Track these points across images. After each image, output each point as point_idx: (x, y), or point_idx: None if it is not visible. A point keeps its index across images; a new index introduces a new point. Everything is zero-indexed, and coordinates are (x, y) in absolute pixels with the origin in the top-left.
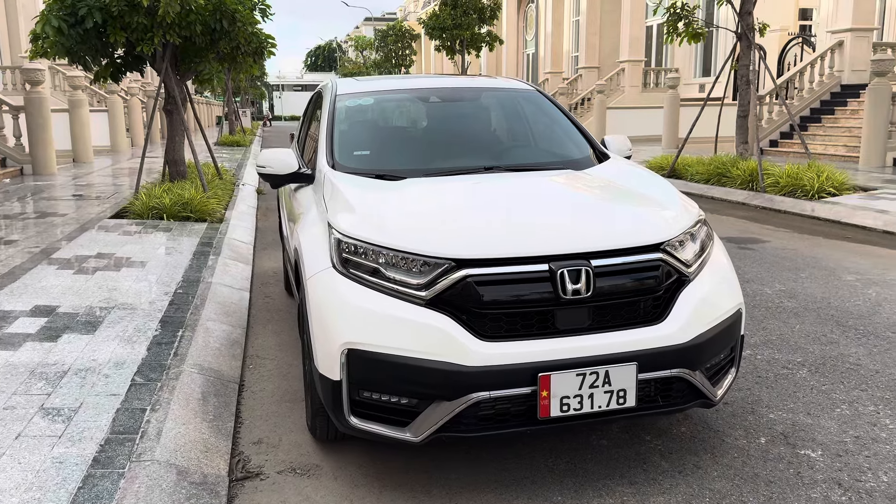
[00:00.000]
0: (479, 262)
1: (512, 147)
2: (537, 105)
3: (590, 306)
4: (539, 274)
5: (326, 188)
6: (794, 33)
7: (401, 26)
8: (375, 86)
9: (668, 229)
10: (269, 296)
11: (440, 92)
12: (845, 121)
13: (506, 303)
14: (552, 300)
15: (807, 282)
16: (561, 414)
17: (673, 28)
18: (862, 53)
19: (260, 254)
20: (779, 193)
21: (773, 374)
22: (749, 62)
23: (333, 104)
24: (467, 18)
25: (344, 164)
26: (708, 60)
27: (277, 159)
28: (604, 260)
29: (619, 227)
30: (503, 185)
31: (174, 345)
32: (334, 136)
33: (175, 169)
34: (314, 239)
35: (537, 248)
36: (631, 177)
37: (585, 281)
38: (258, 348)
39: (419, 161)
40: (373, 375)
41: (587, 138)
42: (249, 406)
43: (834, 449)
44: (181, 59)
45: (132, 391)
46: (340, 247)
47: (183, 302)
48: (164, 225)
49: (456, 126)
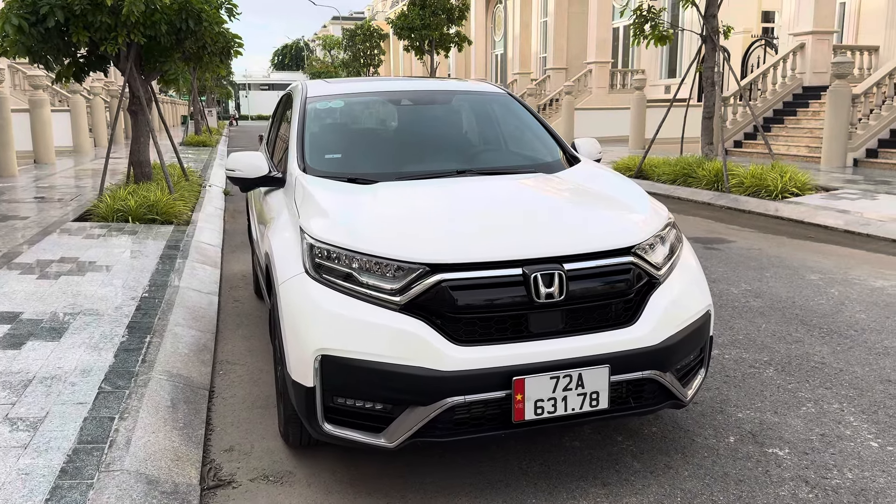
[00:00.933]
0: (454, 266)
1: (484, 150)
2: (508, 108)
3: (563, 310)
4: (513, 278)
5: (298, 192)
6: (757, 35)
7: (369, 26)
8: (346, 88)
9: (639, 233)
10: (239, 300)
11: (412, 94)
12: (807, 122)
13: (480, 307)
14: (526, 304)
15: (772, 281)
16: (535, 417)
17: (639, 30)
18: (822, 56)
19: (228, 257)
20: (743, 194)
21: (740, 373)
22: (714, 64)
23: (304, 106)
24: (436, 19)
25: (315, 167)
26: (673, 62)
27: (247, 163)
28: (576, 264)
29: (591, 231)
30: (476, 188)
31: (142, 351)
32: (305, 139)
33: (140, 170)
34: (286, 244)
35: (511, 253)
36: (601, 180)
37: (559, 284)
38: (228, 354)
39: (391, 164)
40: (347, 381)
41: (557, 142)
42: (220, 413)
43: (800, 447)
44: (146, 58)
45: (100, 399)
46: (313, 252)
47: (150, 307)
48: (130, 228)
49: (428, 129)
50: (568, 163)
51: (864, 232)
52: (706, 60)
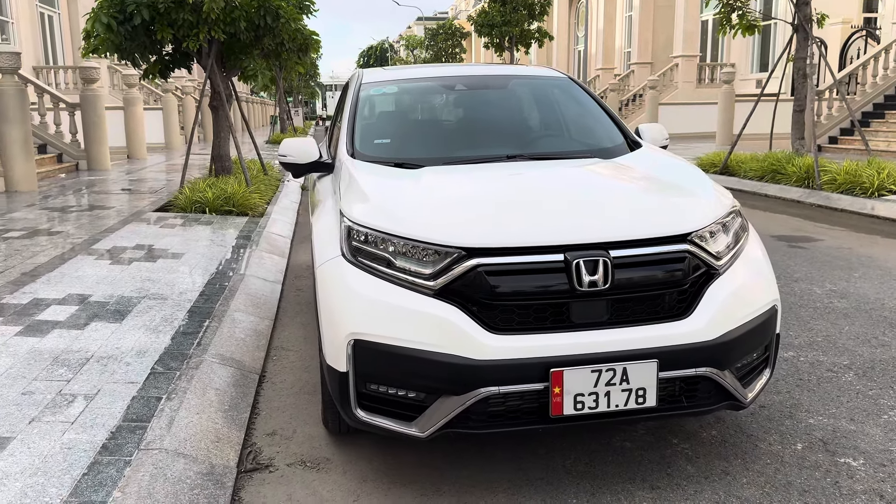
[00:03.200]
0: (490, 251)
1: (538, 135)
2: (567, 92)
3: (607, 299)
4: (553, 264)
5: (343, 177)
6: (857, 26)
7: (451, 24)
8: (402, 74)
9: (697, 220)
10: (301, 289)
11: (467, 80)
12: None
13: (518, 294)
14: (567, 292)
15: (860, 282)
16: (574, 412)
17: (726, 20)
18: None
19: (297, 247)
20: (836, 191)
21: (815, 377)
22: (806, 55)
23: (357, 93)
24: (517, 15)
25: (364, 152)
26: (765, 55)
27: (298, 148)
28: (624, 251)
29: (641, 216)
30: (523, 173)
31: (199, 335)
32: (356, 125)
33: (220, 164)
34: (326, 228)
35: (551, 237)
36: (661, 165)
37: (603, 272)
38: (283, 340)
39: (440, 149)
40: (379, 367)
41: (619, 126)
42: (268, 397)
43: (877, 458)
44: (226, 55)
45: (150, 380)
46: (351, 235)
47: (213, 293)
48: (206, 218)
49: (480, 114)
50: (629, 148)
51: None
52: (798, 51)
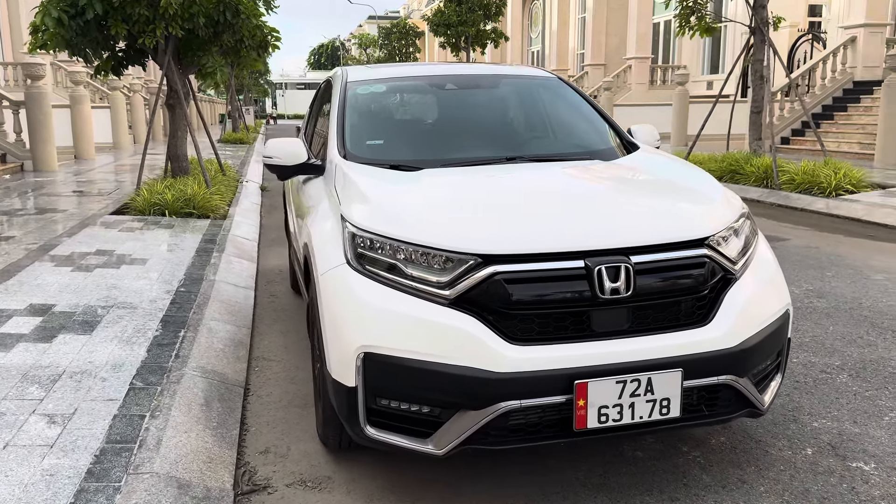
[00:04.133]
0: (509, 258)
1: (534, 137)
2: (559, 93)
3: (629, 307)
4: (574, 271)
5: (338, 179)
6: (803, 30)
7: (405, 23)
8: (389, 73)
9: (713, 223)
10: (275, 294)
11: (456, 79)
12: (858, 118)
13: (538, 303)
14: (589, 300)
15: (834, 281)
16: (599, 425)
17: (685, 22)
18: (875, 49)
19: (265, 251)
20: (794, 191)
21: (811, 378)
22: (763, 57)
23: (344, 91)
24: (472, 15)
25: (356, 153)
26: (716, 57)
27: (285, 149)
28: (645, 256)
29: (660, 220)
30: (529, 175)
31: (175, 346)
32: (346, 125)
33: (177, 165)
34: (326, 233)
35: (572, 243)
36: (667, 167)
37: (625, 279)
38: (264, 350)
39: (436, 151)
40: (391, 382)
41: (614, 128)
42: (255, 412)
43: (888, 461)
44: (183, 52)
45: (130, 396)
46: (355, 241)
47: (185, 301)
48: (166, 221)
49: (473, 115)
50: (625, 150)
51: None
52: (755, 53)
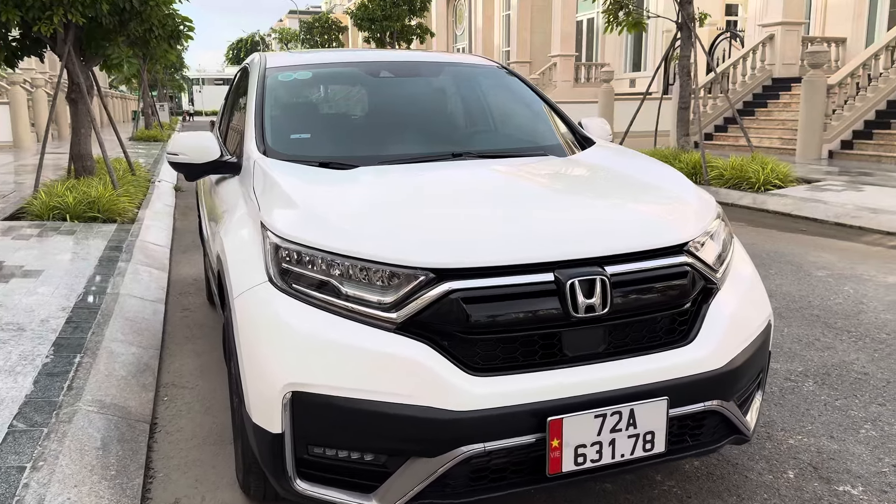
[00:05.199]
0: (466, 272)
1: (481, 131)
2: (505, 84)
3: (606, 326)
4: (543, 286)
5: (257, 179)
6: (721, 28)
7: (327, 18)
8: (315, 58)
9: (690, 226)
10: (189, 308)
11: (393, 66)
12: (778, 113)
13: (502, 325)
14: (561, 319)
15: (778, 278)
16: (576, 468)
17: (613, 17)
18: (792, 47)
19: (178, 258)
20: (723, 186)
21: (777, 387)
22: (690, 53)
23: (263, 79)
24: (397, 10)
25: (279, 149)
26: (638, 55)
27: (193, 145)
28: (621, 266)
29: (636, 225)
30: (481, 175)
31: (69, 375)
32: (265, 117)
33: (81, 164)
34: (242, 244)
35: (539, 253)
36: (631, 164)
37: (601, 293)
38: (175, 374)
39: (372, 146)
40: (326, 426)
41: (566, 121)
42: (164, 452)
43: (875, 483)
44: (86, 42)
45: (8, 443)
46: (279, 254)
47: (83, 319)
48: (67, 227)
49: (413, 105)
50: (579, 145)
51: (856, 224)
52: (682, 49)
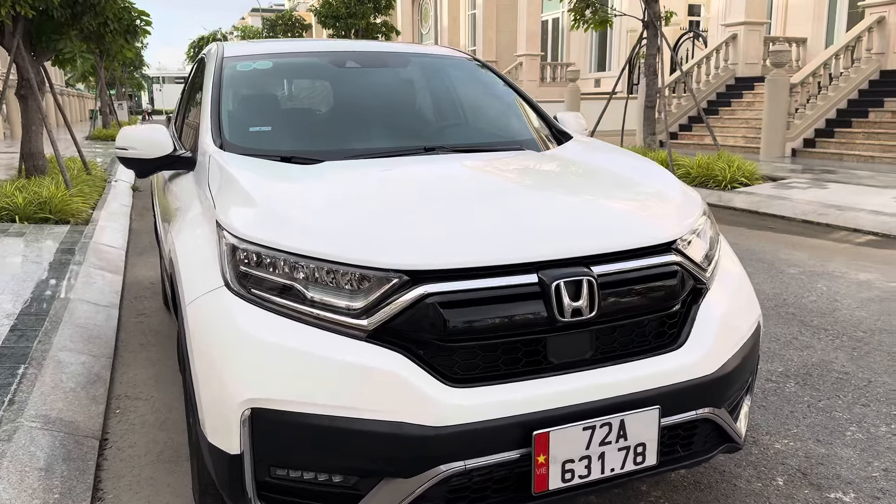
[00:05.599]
0: (443, 273)
1: (454, 124)
2: (479, 76)
3: (593, 330)
4: (526, 288)
5: (213, 175)
6: (685, 28)
7: (290, 15)
8: (275, 48)
9: (678, 222)
10: (145, 313)
11: (359, 56)
12: (742, 112)
13: (483, 331)
14: (545, 323)
15: (752, 277)
16: (563, 485)
17: (580, 15)
18: (754, 47)
19: (134, 260)
20: (691, 184)
21: (759, 388)
22: (656, 52)
23: (220, 69)
24: (362, 7)
25: (237, 143)
26: (602, 55)
27: (144, 138)
28: (609, 266)
29: (621, 221)
30: (455, 170)
31: (11, 388)
32: (222, 109)
33: (32, 163)
34: (196, 245)
35: (522, 253)
36: (611, 159)
37: (588, 295)
38: (128, 385)
39: (338, 140)
40: (290, 446)
41: (541, 115)
42: (114, 471)
43: (866, 489)
44: (37, 35)
45: None
46: (237, 256)
47: (29, 326)
48: (16, 228)
49: (381, 97)
50: (556, 139)
51: (823, 221)
52: (648, 48)
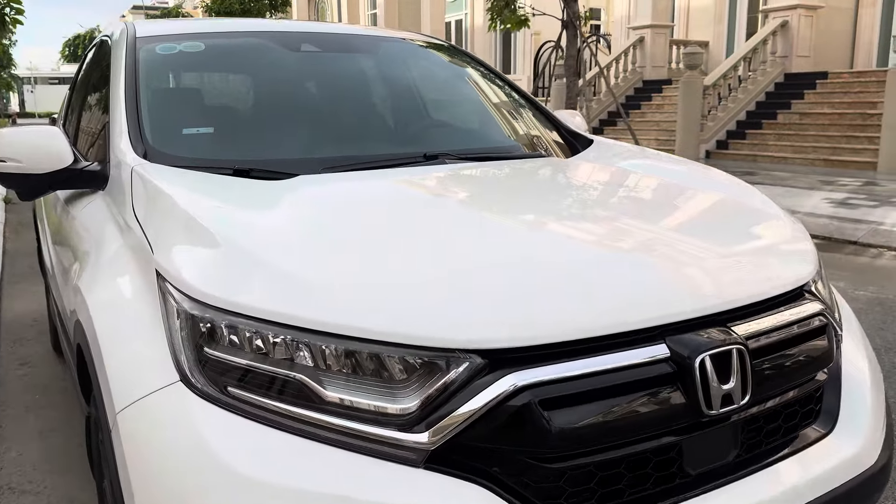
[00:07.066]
0: (535, 353)
1: (450, 124)
2: (465, 66)
3: (740, 421)
4: (654, 367)
5: (138, 196)
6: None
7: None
8: (202, 26)
9: (805, 257)
10: (29, 361)
11: (316, 39)
12: (652, 115)
13: (601, 438)
14: (685, 418)
15: None
16: None
17: (497, 14)
18: (661, 50)
19: (10, 290)
20: None
21: None
22: (576, 52)
23: (133, 53)
24: (257, 4)
25: (167, 151)
26: (508, 58)
27: (31, 145)
28: (751, 324)
29: (749, 256)
30: (494, 190)
31: None
32: (141, 104)
33: None
34: (121, 309)
35: (639, 312)
36: (678, 171)
37: (739, 370)
38: (11, 469)
39: (309, 144)
40: None
41: (545, 114)
42: None
43: None
44: None
45: None
46: (197, 331)
47: None
48: None
49: (354, 89)
50: (568, 143)
51: None
52: (568, 49)
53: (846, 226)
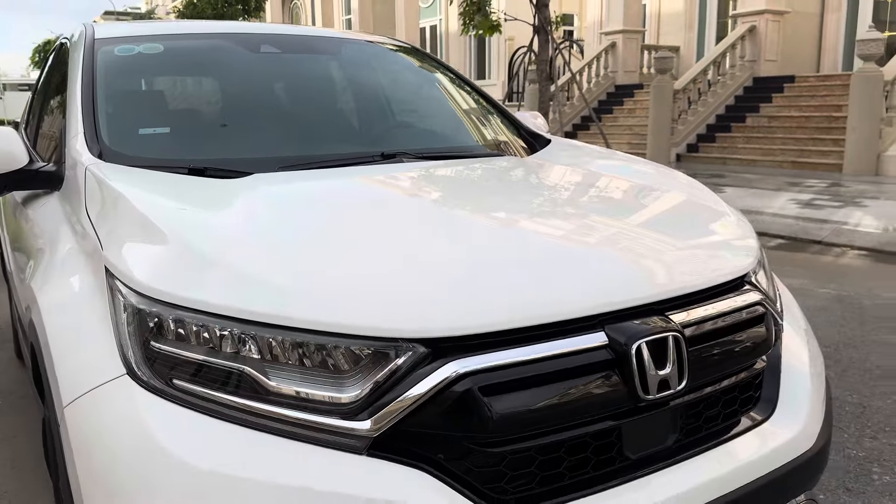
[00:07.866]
0: (476, 341)
1: (407, 124)
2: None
3: (678, 406)
4: (593, 354)
5: (92, 195)
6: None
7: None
8: (161, 28)
9: (747, 248)
10: None
11: (276, 40)
12: (624, 119)
13: (540, 424)
14: (622, 403)
15: None
16: None
17: (470, 19)
18: (632, 55)
19: None
20: None
21: None
22: (548, 57)
23: (91, 54)
24: (230, 9)
25: (123, 151)
26: (482, 63)
27: None
28: (687, 312)
29: (689, 248)
30: (444, 186)
31: None
32: (98, 105)
33: None
34: (72, 305)
35: (578, 301)
36: (630, 168)
37: (676, 356)
38: None
39: (265, 144)
40: None
41: (504, 114)
42: None
43: None
44: None
45: None
46: (143, 325)
47: None
48: None
49: (312, 90)
50: (528, 142)
51: None
52: (540, 54)
53: (811, 226)
